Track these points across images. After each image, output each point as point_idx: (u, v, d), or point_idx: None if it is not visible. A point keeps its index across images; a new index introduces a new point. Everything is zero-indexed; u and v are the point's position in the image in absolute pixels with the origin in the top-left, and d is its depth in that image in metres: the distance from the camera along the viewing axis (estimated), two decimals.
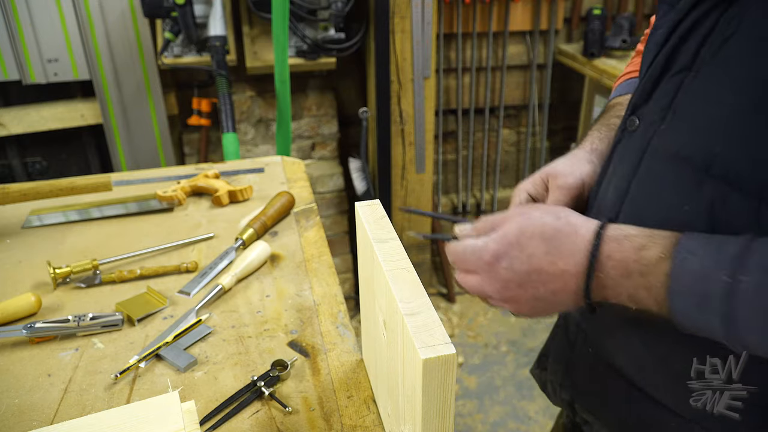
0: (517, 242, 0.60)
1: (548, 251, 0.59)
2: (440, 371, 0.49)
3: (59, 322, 0.86)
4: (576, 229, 0.59)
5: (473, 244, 0.63)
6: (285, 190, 1.23)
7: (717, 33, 0.56)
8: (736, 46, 0.54)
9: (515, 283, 0.60)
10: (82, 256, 1.06)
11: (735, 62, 0.54)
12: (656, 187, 0.62)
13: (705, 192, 0.56)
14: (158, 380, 0.80)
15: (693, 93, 0.58)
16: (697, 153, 0.57)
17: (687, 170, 0.58)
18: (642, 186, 0.64)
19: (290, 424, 0.73)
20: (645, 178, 0.63)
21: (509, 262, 0.60)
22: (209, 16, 2.11)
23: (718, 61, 0.56)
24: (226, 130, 1.99)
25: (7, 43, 2.07)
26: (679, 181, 0.59)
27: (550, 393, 0.85)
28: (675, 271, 0.51)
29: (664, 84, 0.62)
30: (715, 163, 0.55)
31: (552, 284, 0.59)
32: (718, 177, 0.55)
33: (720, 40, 0.55)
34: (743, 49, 0.53)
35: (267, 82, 2.46)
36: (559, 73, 2.79)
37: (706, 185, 0.56)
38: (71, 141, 2.37)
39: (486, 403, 2.26)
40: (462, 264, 0.65)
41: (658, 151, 0.62)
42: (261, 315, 0.92)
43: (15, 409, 0.75)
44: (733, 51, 0.54)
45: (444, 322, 2.72)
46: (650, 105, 0.64)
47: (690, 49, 0.59)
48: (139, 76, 2.24)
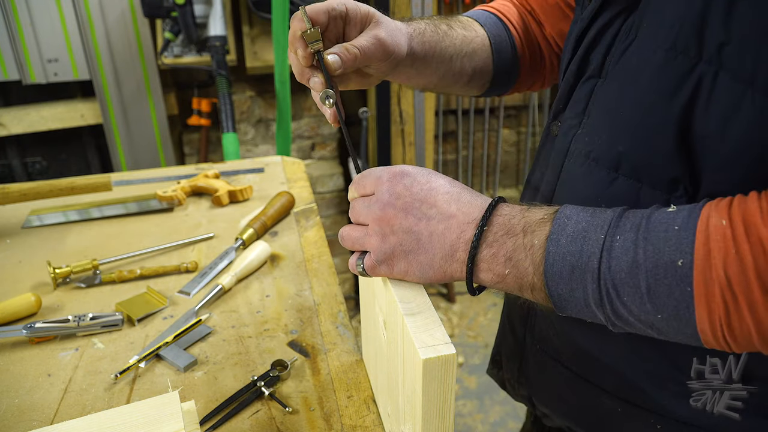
0: (428, 173, 0.60)
1: (449, 193, 0.58)
2: (440, 371, 0.49)
3: (59, 322, 0.86)
4: (480, 194, 0.60)
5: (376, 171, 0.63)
6: (285, 190, 1.23)
7: (619, 40, 0.59)
8: (634, 53, 0.56)
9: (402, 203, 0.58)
10: (82, 256, 1.06)
11: (633, 69, 0.56)
12: (575, 188, 0.63)
13: (617, 188, 0.59)
14: (158, 380, 0.80)
15: (601, 98, 0.61)
16: (605, 153, 0.59)
17: (599, 169, 0.60)
18: (564, 188, 0.66)
19: (290, 424, 0.73)
20: (566, 180, 0.65)
21: (411, 181, 0.59)
22: (209, 16, 2.11)
23: (620, 69, 0.58)
24: (226, 130, 1.99)
25: (7, 43, 2.06)
26: (594, 180, 0.61)
27: (509, 390, 0.86)
28: (554, 231, 0.53)
29: (578, 91, 0.64)
30: (622, 162, 0.58)
31: (435, 224, 0.57)
32: (627, 174, 0.58)
33: (622, 47, 0.58)
34: (640, 57, 0.56)
35: (267, 82, 2.46)
36: None
37: (617, 182, 0.58)
38: (71, 141, 2.37)
39: (486, 403, 2.26)
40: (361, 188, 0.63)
41: (574, 155, 0.64)
42: (261, 315, 0.92)
43: (15, 409, 0.75)
44: (632, 58, 0.56)
45: (444, 322, 2.72)
46: (567, 111, 0.66)
47: (597, 56, 0.62)
48: (139, 76, 2.23)
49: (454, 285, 2.92)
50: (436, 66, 0.80)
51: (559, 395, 0.74)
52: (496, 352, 0.88)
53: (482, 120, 2.84)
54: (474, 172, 2.97)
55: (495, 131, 2.89)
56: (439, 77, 0.82)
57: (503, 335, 0.84)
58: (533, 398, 0.80)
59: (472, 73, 0.85)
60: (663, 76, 0.53)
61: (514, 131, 2.97)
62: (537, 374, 0.77)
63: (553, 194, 0.67)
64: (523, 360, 0.78)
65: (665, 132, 0.54)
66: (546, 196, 0.68)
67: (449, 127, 2.86)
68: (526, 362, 0.78)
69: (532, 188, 0.74)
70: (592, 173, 0.61)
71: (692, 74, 0.51)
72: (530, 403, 0.81)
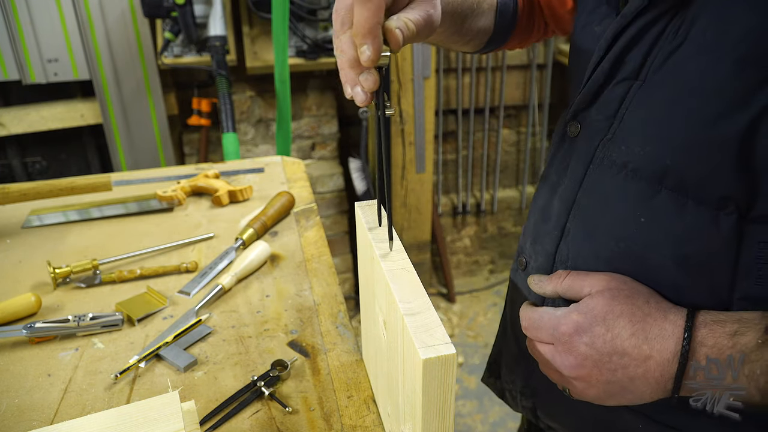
0: (603, 319, 0.56)
1: (634, 333, 0.55)
2: (440, 371, 0.49)
3: (59, 322, 0.86)
4: (665, 314, 0.55)
5: (551, 312, 0.60)
6: (285, 190, 1.23)
7: (664, 41, 0.55)
8: (685, 55, 0.53)
9: (592, 362, 0.56)
10: (82, 256, 1.06)
11: (683, 72, 0.53)
12: (606, 199, 0.61)
13: (659, 202, 0.56)
14: (158, 380, 0.80)
15: (640, 103, 0.57)
16: (648, 165, 0.56)
17: (638, 181, 0.57)
18: (590, 198, 0.62)
19: (290, 424, 0.73)
20: (593, 189, 0.62)
21: (591, 338, 0.56)
22: (209, 16, 2.11)
23: (666, 73, 0.54)
24: (226, 130, 1.99)
25: (7, 43, 2.07)
26: (631, 192, 0.58)
27: (509, 400, 0.83)
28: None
29: (608, 92, 0.60)
30: (668, 176, 0.55)
31: (633, 369, 0.55)
32: (672, 188, 0.55)
33: (668, 49, 0.54)
34: (692, 59, 0.52)
35: (267, 82, 2.46)
36: (559, 73, 2.79)
37: (659, 196, 0.56)
38: (71, 141, 2.37)
39: (486, 403, 2.26)
40: (535, 331, 0.62)
41: (604, 162, 0.60)
42: (261, 315, 0.92)
43: (15, 409, 0.75)
44: (682, 60, 0.53)
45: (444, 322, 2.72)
46: (593, 112, 0.63)
47: (636, 57, 0.58)
48: (139, 76, 2.24)
49: (454, 285, 2.92)
50: (449, 26, 0.75)
51: (572, 409, 0.72)
52: (493, 360, 0.86)
53: (482, 120, 2.84)
54: (474, 172, 2.97)
55: (495, 131, 2.89)
56: (446, 37, 0.78)
57: (504, 344, 0.83)
58: (538, 411, 0.78)
59: (476, 33, 0.81)
60: (729, 89, 0.50)
61: (514, 131, 2.97)
62: (547, 387, 0.73)
63: (574, 201, 0.64)
64: (530, 372, 0.76)
65: (726, 148, 0.50)
66: (566, 202, 0.66)
67: (449, 126, 2.86)
68: (534, 374, 0.76)
69: (548, 187, 0.71)
70: (628, 185, 0.58)
71: (764, 89, 0.48)
72: (534, 415, 0.79)
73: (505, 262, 3.13)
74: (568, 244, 0.66)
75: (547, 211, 0.69)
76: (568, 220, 0.66)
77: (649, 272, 0.59)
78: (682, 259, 0.56)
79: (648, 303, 0.57)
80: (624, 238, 0.60)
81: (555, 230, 0.68)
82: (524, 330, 0.64)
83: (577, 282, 0.61)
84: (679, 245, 0.56)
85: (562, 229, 0.67)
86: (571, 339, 0.58)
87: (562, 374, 0.60)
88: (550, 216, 0.69)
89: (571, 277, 0.62)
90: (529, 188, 3.03)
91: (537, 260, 0.71)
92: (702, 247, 0.55)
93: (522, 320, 0.65)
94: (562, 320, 0.59)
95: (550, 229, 0.69)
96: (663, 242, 0.57)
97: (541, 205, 0.71)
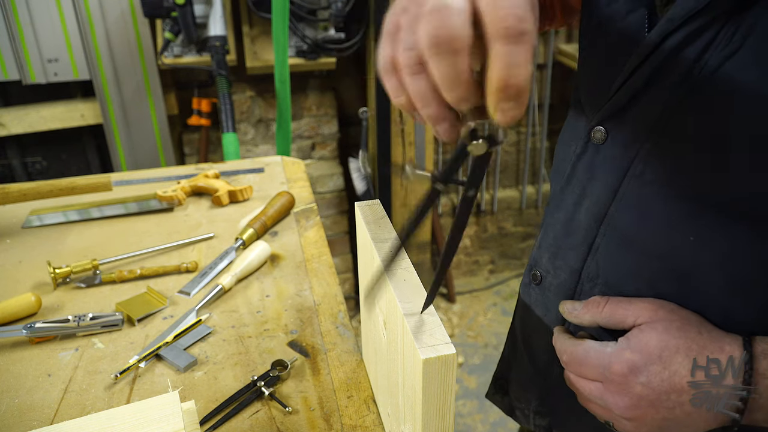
0: (659, 357, 0.53)
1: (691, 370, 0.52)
2: (440, 371, 0.49)
3: (59, 322, 0.86)
4: (721, 345, 0.52)
5: (599, 349, 0.57)
6: (285, 190, 1.23)
7: (716, 47, 0.51)
8: (740, 64, 0.49)
9: (648, 402, 0.53)
10: (82, 256, 1.06)
11: (740, 80, 0.49)
12: (645, 215, 0.57)
13: (709, 220, 0.53)
14: (158, 380, 0.80)
15: (688, 113, 0.53)
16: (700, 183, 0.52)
17: (687, 199, 0.53)
18: (626, 212, 0.59)
19: (290, 424, 0.73)
20: (629, 203, 0.58)
21: (648, 377, 0.53)
22: (209, 16, 2.11)
23: (719, 79, 0.50)
24: (226, 130, 1.99)
25: (7, 43, 2.07)
26: (678, 210, 0.54)
27: (520, 419, 0.80)
28: None
29: (646, 99, 0.56)
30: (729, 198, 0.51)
31: (691, 406, 0.52)
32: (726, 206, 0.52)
33: (719, 57, 0.50)
34: (749, 66, 0.48)
35: (267, 82, 2.46)
36: (559, 73, 2.79)
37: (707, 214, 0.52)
38: (71, 141, 2.37)
39: (486, 403, 2.26)
40: (580, 368, 0.58)
41: (645, 176, 0.56)
42: (261, 315, 0.92)
43: (15, 409, 0.75)
44: (738, 68, 0.49)
45: (444, 322, 2.72)
46: (626, 120, 0.58)
47: (682, 63, 0.53)
48: (139, 76, 2.24)
49: (454, 285, 2.92)
50: None
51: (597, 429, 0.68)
52: (500, 376, 0.83)
53: None
54: None
55: None
56: None
57: (515, 361, 0.79)
58: (554, 430, 0.75)
59: None
60: None
61: (514, 131, 2.97)
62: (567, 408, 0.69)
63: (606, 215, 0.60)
64: (547, 391, 0.73)
65: None
66: (595, 215, 0.61)
67: None
68: (552, 394, 0.72)
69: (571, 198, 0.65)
70: (672, 200, 0.54)
71: None
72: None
73: (505, 262, 3.13)
74: (597, 261, 0.62)
75: (571, 224, 0.65)
76: (598, 234, 0.62)
77: (696, 294, 0.56)
78: (733, 279, 0.53)
79: (701, 334, 0.54)
80: (667, 257, 0.56)
81: (582, 245, 0.63)
82: (565, 364, 0.61)
83: (619, 311, 0.58)
84: (732, 264, 0.53)
85: (590, 244, 0.63)
86: (625, 380, 0.54)
87: (611, 412, 0.57)
88: (575, 229, 0.64)
89: (611, 305, 0.59)
90: (530, 188, 3.03)
91: (558, 276, 0.67)
92: (754, 266, 0.52)
93: (561, 353, 0.61)
94: (614, 359, 0.55)
95: (575, 243, 0.64)
96: (712, 261, 0.54)
97: (563, 217, 0.66)
